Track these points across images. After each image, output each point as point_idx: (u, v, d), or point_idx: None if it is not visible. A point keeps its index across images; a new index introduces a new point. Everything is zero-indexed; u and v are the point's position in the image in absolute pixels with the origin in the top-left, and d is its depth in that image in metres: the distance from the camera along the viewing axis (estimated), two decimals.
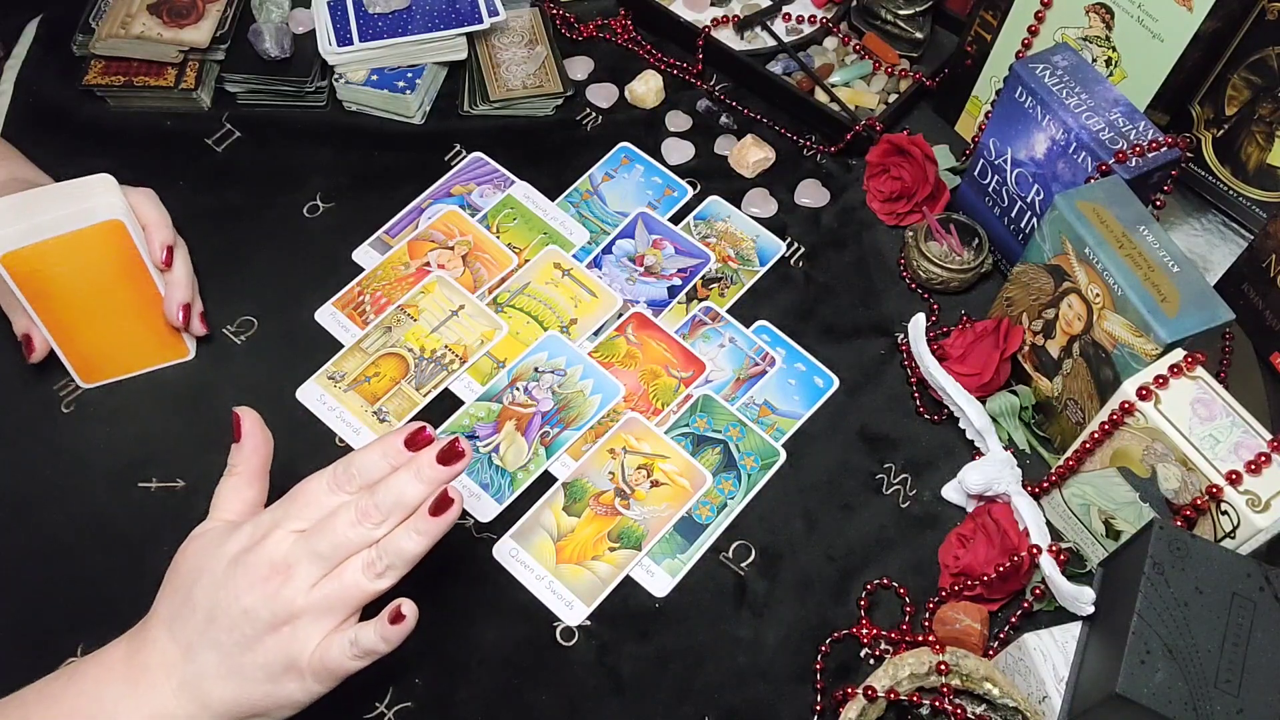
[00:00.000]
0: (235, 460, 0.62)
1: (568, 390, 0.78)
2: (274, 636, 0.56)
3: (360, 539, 0.57)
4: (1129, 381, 0.66)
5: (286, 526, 0.57)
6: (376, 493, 0.57)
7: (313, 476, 0.59)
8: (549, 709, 0.67)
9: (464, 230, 0.85)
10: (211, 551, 0.58)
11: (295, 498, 0.58)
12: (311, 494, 0.58)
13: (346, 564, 0.57)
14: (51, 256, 0.69)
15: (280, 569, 0.56)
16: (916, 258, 0.84)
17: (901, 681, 0.65)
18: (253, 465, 0.62)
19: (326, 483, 0.58)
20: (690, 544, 0.73)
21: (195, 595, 0.56)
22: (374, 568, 0.57)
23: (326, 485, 0.58)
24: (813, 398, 0.80)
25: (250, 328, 0.81)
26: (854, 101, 0.93)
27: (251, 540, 0.57)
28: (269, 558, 0.56)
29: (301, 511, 0.58)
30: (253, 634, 0.55)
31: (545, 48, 0.95)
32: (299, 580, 0.56)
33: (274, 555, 0.56)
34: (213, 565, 0.57)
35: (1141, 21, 0.78)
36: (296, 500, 0.58)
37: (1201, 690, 0.56)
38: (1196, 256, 0.90)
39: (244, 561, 0.56)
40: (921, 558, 0.74)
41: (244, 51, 0.91)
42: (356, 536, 0.56)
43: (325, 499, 0.58)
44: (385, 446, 0.59)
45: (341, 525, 0.56)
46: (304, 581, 0.56)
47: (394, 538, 0.57)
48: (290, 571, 0.56)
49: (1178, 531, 0.61)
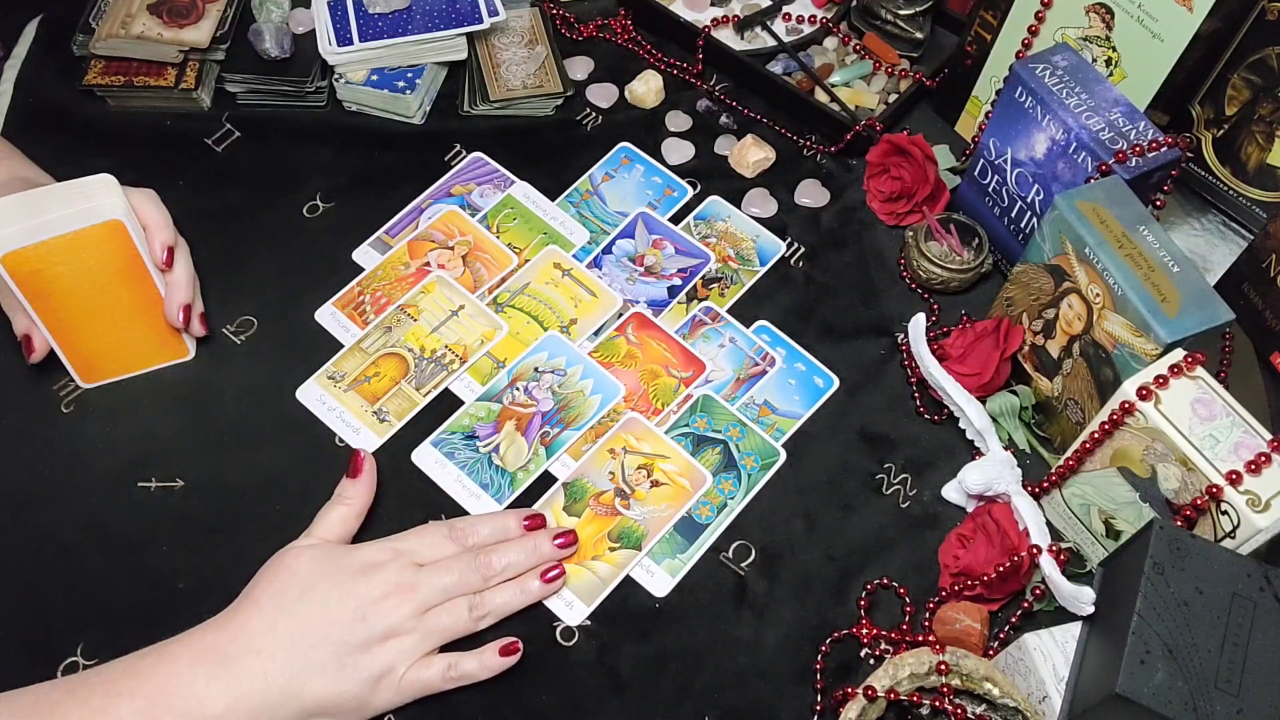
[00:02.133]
0: (349, 494, 0.69)
1: (568, 390, 0.78)
2: (382, 647, 0.62)
3: (474, 585, 0.66)
4: (1129, 381, 0.66)
5: (408, 558, 0.65)
6: (495, 552, 0.67)
7: (435, 524, 0.69)
8: (549, 709, 0.67)
9: (464, 230, 0.85)
10: (334, 561, 0.64)
11: (421, 535, 0.67)
12: (433, 537, 0.67)
13: (455, 601, 0.65)
14: (52, 256, 0.69)
15: (404, 590, 0.64)
16: (916, 258, 0.84)
17: (901, 681, 0.65)
18: (364, 502, 0.70)
19: (446, 533, 0.68)
20: (690, 544, 0.73)
21: (313, 596, 0.62)
22: (477, 611, 0.66)
23: (446, 534, 0.67)
24: (813, 398, 0.80)
25: (250, 328, 0.81)
26: (854, 101, 0.93)
27: (378, 559, 0.65)
28: (396, 579, 0.64)
29: (422, 548, 0.66)
30: (366, 640, 0.62)
31: (545, 48, 0.95)
32: (418, 604, 0.64)
33: (401, 578, 0.64)
34: (336, 573, 0.63)
35: (1141, 21, 0.78)
36: (422, 538, 0.67)
37: (1201, 690, 0.56)
38: (1196, 256, 0.90)
39: (372, 576, 0.63)
40: (921, 558, 0.74)
41: (244, 51, 0.91)
42: (471, 582, 0.66)
43: (443, 545, 0.67)
44: (503, 520, 0.69)
45: (462, 569, 0.66)
46: (422, 606, 0.64)
47: (501, 590, 0.67)
48: (412, 595, 0.64)
49: (1178, 531, 0.61)
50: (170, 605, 0.68)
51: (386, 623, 0.62)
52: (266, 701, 0.59)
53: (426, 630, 0.64)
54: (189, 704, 0.58)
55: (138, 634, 0.62)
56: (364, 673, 0.61)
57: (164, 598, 0.69)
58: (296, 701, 0.60)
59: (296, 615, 0.61)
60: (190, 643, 0.60)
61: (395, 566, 0.64)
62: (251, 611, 0.61)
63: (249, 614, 0.61)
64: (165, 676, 0.59)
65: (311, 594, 0.62)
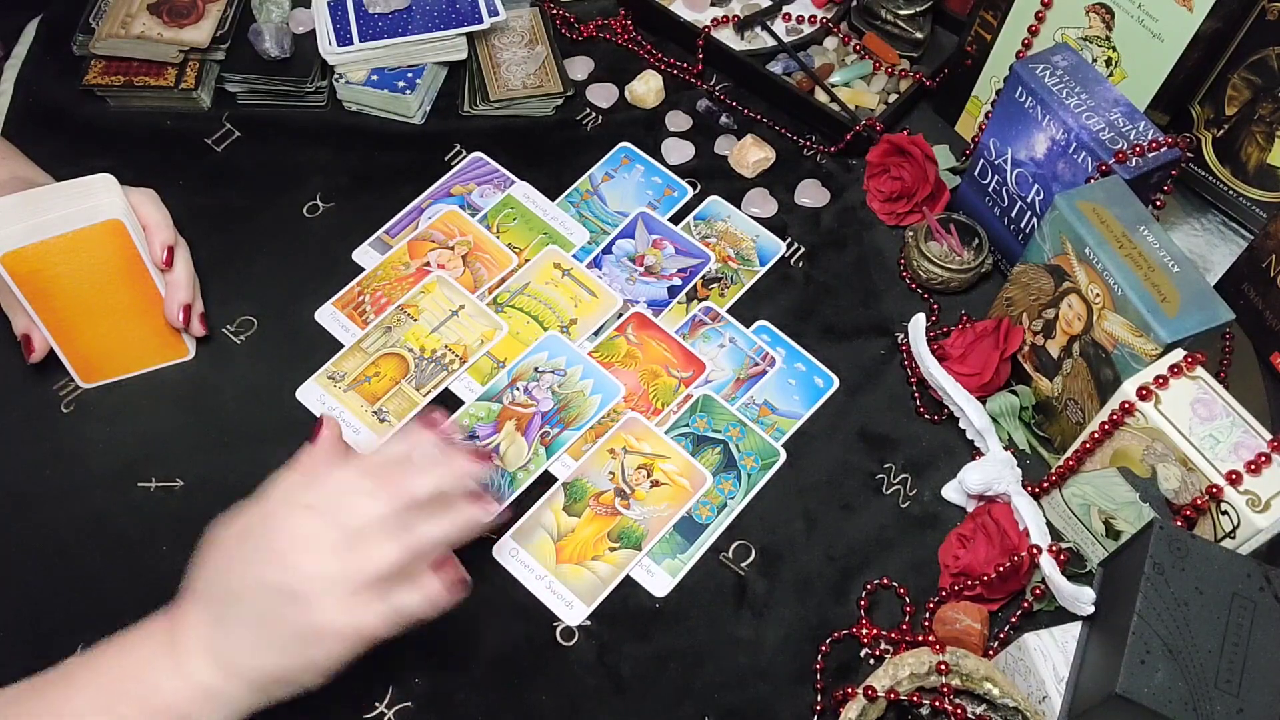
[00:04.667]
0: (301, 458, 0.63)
1: (568, 390, 0.78)
2: (306, 608, 0.57)
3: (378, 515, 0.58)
4: (1129, 381, 0.66)
5: (298, 501, 0.58)
6: (414, 476, 0.59)
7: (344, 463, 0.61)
8: (549, 709, 0.67)
9: (464, 230, 0.85)
10: (257, 531, 0.59)
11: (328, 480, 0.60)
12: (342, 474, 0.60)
13: (368, 538, 0.58)
14: (52, 256, 0.69)
15: (305, 541, 0.57)
16: (916, 258, 0.84)
17: (901, 681, 0.65)
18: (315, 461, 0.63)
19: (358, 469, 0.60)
20: (690, 544, 0.73)
21: (237, 571, 0.58)
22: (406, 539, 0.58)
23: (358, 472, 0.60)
24: (813, 398, 0.80)
25: (250, 328, 0.81)
26: (854, 101, 0.93)
27: (299, 523, 0.58)
28: (289, 532, 0.57)
29: (312, 486, 0.59)
30: (290, 603, 0.57)
31: (545, 48, 0.95)
32: (322, 551, 0.57)
33: (295, 530, 0.57)
34: (259, 545, 0.58)
35: (1141, 21, 0.78)
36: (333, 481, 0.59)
37: (1201, 690, 0.56)
38: (1196, 256, 0.90)
39: (290, 539, 0.57)
40: (921, 558, 0.74)
41: (244, 51, 0.91)
42: (374, 512, 0.58)
43: (336, 473, 0.59)
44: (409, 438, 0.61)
45: (364, 504, 0.58)
46: (326, 552, 0.57)
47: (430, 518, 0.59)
48: (312, 544, 0.57)
49: (1178, 531, 0.61)
50: None
51: (310, 585, 0.57)
52: (214, 685, 0.57)
53: (349, 574, 0.57)
54: (144, 690, 0.57)
55: None
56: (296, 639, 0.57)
57: (164, 598, 0.68)
58: (243, 680, 0.58)
59: (224, 594, 0.58)
60: (147, 630, 0.59)
61: (315, 522, 0.58)
62: (190, 596, 0.59)
63: (189, 598, 0.59)
64: (122, 667, 0.58)
65: (234, 569, 0.58)
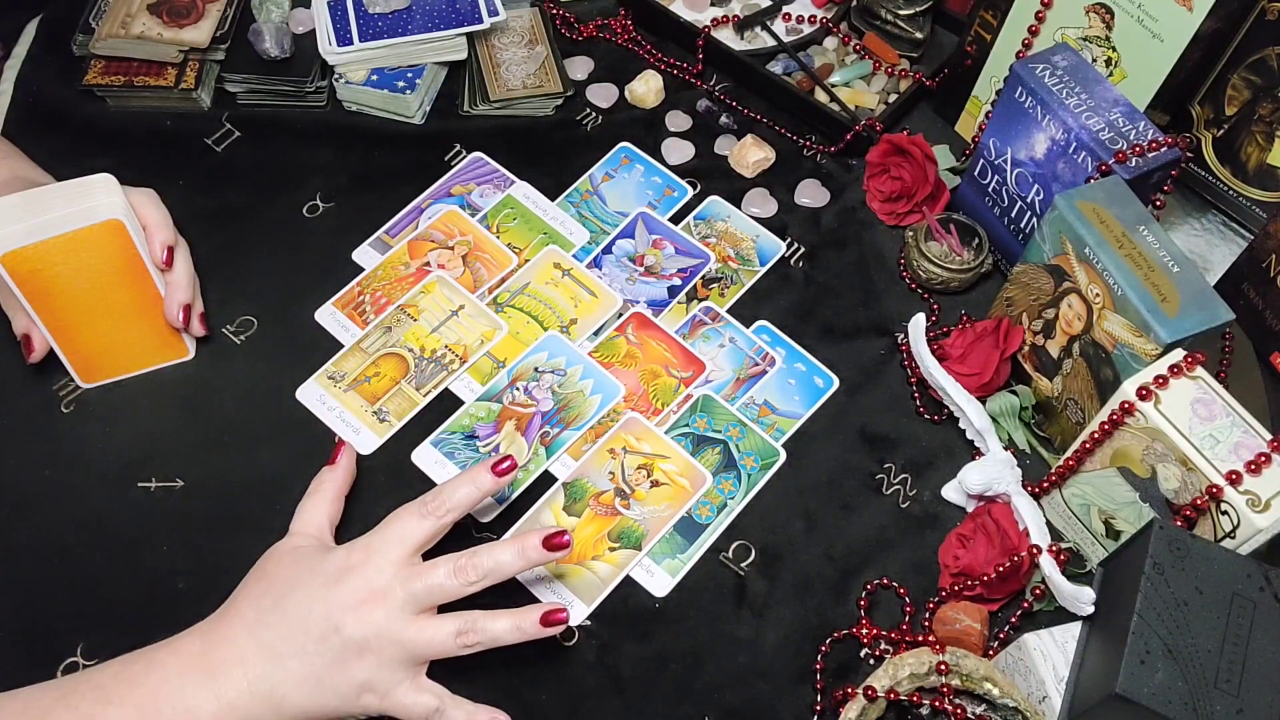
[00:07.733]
0: (323, 480, 0.68)
1: (568, 390, 0.78)
2: (359, 661, 0.60)
3: (454, 590, 0.62)
4: (1129, 381, 0.66)
5: (386, 555, 0.62)
6: (478, 554, 0.62)
7: (404, 508, 0.64)
8: (549, 709, 0.67)
9: (464, 230, 0.85)
10: (309, 566, 0.62)
11: (389, 526, 0.63)
12: (403, 522, 0.63)
13: (440, 618, 0.62)
14: (52, 256, 0.69)
15: (379, 595, 0.60)
16: (916, 258, 0.84)
17: (901, 681, 0.65)
18: (338, 489, 0.68)
19: (416, 511, 0.63)
20: (690, 544, 0.73)
21: (288, 604, 0.60)
22: (465, 637, 0.61)
23: (416, 513, 0.63)
24: (813, 398, 0.80)
25: (250, 328, 0.81)
26: (854, 101, 0.93)
27: (349, 563, 0.62)
28: (368, 583, 0.61)
29: (394, 539, 0.62)
30: (341, 651, 0.60)
31: (545, 48, 0.95)
32: (392, 609, 0.60)
33: (374, 583, 0.61)
34: (309, 580, 0.61)
35: (1141, 21, 0.78)
36: (390, 528, 0.63)
37: (1201, 690, 0.56)
38: (1196, 256, 0.90)
39: (344, 582, 0.61)
40: (921, 558, 0.74)
41: (244, 51, 0.91)
42: (451, 587, 0.62)
43: (415, 525, 0.63)
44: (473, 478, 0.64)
45: (439, 575, 0.62)
46: (396, 612, 0.61)
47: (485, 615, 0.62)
48: (386, 600, 0.60)
49: (1178, 531, 0.61)
50: (170, 605, 0.68)
51: (362, 632, 0.60)
52: (251, 711, 0.59)
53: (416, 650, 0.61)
54: (177, 712, 0.58)
55: (138, 634, 0.62)
56: (342, 687, 0.60)
57: (164, 598, 0.69)
58: (277, 713, 0.60)
59: (273, 624, 0.60)
60: (178, 649, 0.60)
61: (372, 569, 0.61)
62: (234, 618, 0.61)
63: (232, 621, 0.61)
64: (154, 685, 0.58)
65: (287, 602, 0.61)
